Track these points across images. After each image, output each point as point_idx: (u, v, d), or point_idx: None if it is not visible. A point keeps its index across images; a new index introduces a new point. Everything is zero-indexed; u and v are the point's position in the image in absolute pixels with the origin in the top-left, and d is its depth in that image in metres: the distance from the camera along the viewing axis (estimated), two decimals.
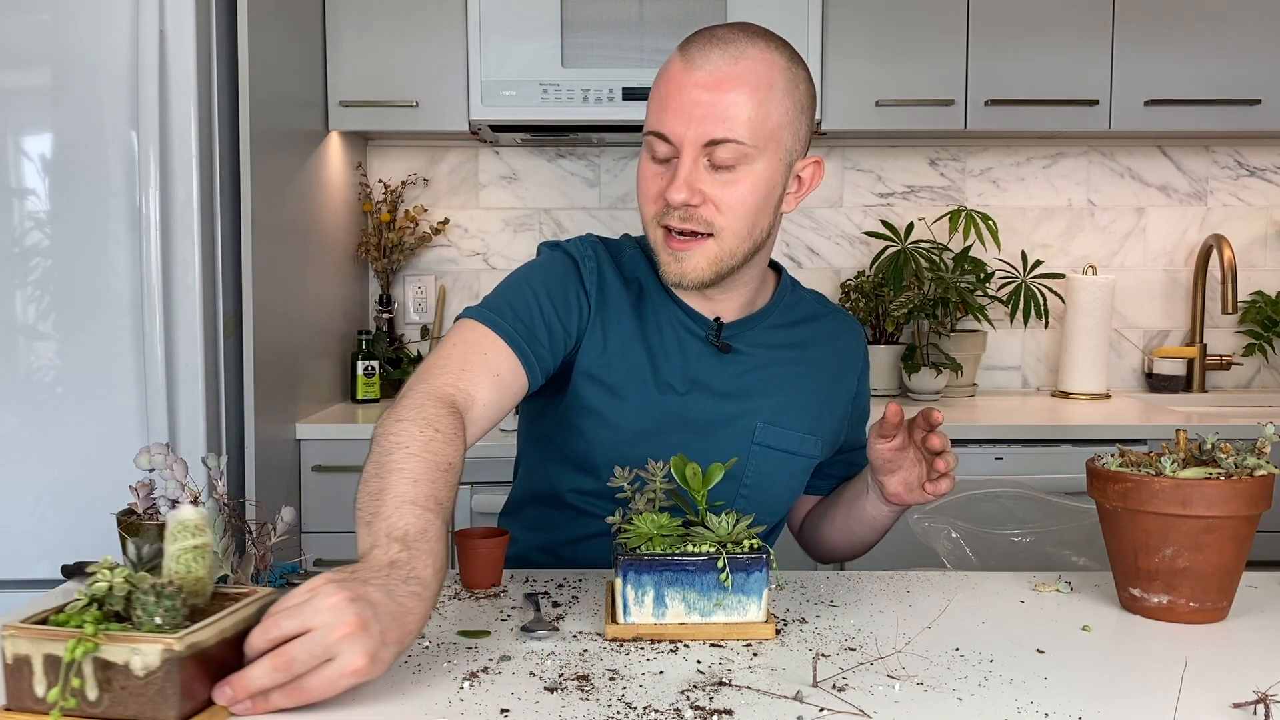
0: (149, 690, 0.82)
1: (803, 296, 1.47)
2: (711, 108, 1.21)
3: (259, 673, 0.85)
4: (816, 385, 1.41)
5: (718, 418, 1.35)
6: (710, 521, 1.10)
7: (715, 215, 1.24)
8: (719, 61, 1.22)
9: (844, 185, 3.00)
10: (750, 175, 1.24)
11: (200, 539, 0.90)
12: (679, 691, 0.93)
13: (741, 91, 1.21)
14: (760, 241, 1.30)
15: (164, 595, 0.84)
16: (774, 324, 1.40)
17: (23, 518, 2.05)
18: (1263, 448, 1.13)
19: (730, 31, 1.25)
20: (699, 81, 1.22)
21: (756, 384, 1.37)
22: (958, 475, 1.27)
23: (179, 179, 2.02)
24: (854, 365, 1.47)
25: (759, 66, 1.22)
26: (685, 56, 1.24)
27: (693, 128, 1.21)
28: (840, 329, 1.47)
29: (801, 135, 1.28)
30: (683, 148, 1.23)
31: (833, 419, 1.43)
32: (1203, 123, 2.65)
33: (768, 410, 1.37)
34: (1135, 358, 3.05)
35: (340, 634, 0.86)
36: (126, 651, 0.82)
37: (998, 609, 1.16)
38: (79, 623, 0.83)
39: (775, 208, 1.29)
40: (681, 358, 1.35)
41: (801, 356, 1.40)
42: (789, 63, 1.26)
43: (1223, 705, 0.90)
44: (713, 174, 1.23)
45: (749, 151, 1.22)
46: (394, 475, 1.05)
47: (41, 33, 2.01)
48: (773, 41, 1.26)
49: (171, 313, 2.03)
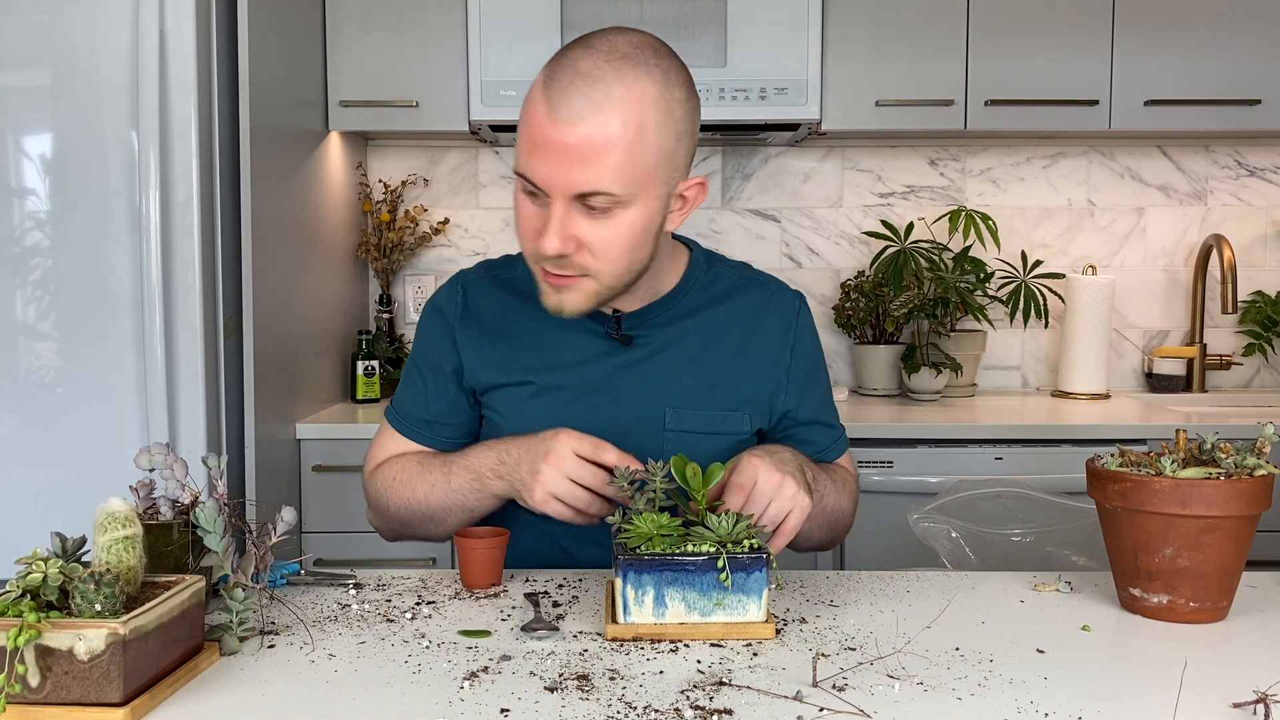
0: (93, 674, 0.86)
1: (722, 273, 1.42)
2: (578, 162, 1.14)
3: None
4: (737, 360, 1.37)
5: (625, 409, 1.34)
6: (710, 521, 1.10)
7: (589, 260, 1.20)
8: (582, 110, 1.14)
9: (844, 185, 3.00)
10: (625, 219, 1.19)
11: (130, 529, 0.95)
12: (679, 691, 0.93)
13: (608, 143, 1.14)
14: (643, 268, 1.26)
15: (103, 583, 0.88)
16: (682, 307, 1.37)
17: (23, 518, 2.05)
18: (1263, 448, 1.13)
19: (595, 63, 1.15)
20: (563, 133, 1.14)
21: (663, 370, 1.35)
22: (958, 475, 1.27)
23: (179, 179, 2.02)
24: (783, 335, 1.40)
25: (626, 110, 1.15)
26: (548, 97, 1.15)
27: (559, 179, 1.16)
28: (766, 300, 1.42)
29: (680, 162, 1.22)
30: (552, 196, 1.17)
31: (763, 392, 1.39)
32: (1203, 123, 2.65)
33: (678, 395, 1.35)
34: (1135, 358, 3.05)
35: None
36: (70, 638, 0.85)
37: (998, 609, 1.16)
38: (17, 612, 0.85)
39: (656, 235, 1.24)
40: (578, 352, 1.35)
41: (717, 334, 1.37)
42: (662, 88, 1.18)
43: (1223, 705, 0.90)
44: (588, 217, 1.18)
45: (622, 199, 1.17)
46: (418, 480, 1.37)
47: (41, 33, 2.01)
48: (644, 65, 1.17)
49: (171, 313, 2.03)
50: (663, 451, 1.33)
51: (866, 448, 2.38)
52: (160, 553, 1.07)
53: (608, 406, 1.34)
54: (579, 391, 1.35)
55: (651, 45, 1.21)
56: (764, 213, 3.00)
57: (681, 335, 1.36)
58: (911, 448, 2.39)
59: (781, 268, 3.00)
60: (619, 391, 1.35)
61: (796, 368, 1.41)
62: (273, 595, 1.18)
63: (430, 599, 1.20)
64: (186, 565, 1.09)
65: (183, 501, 1.11)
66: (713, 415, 1.36)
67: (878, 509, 2.37)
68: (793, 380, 1.41)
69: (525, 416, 1.35)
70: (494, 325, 1.39)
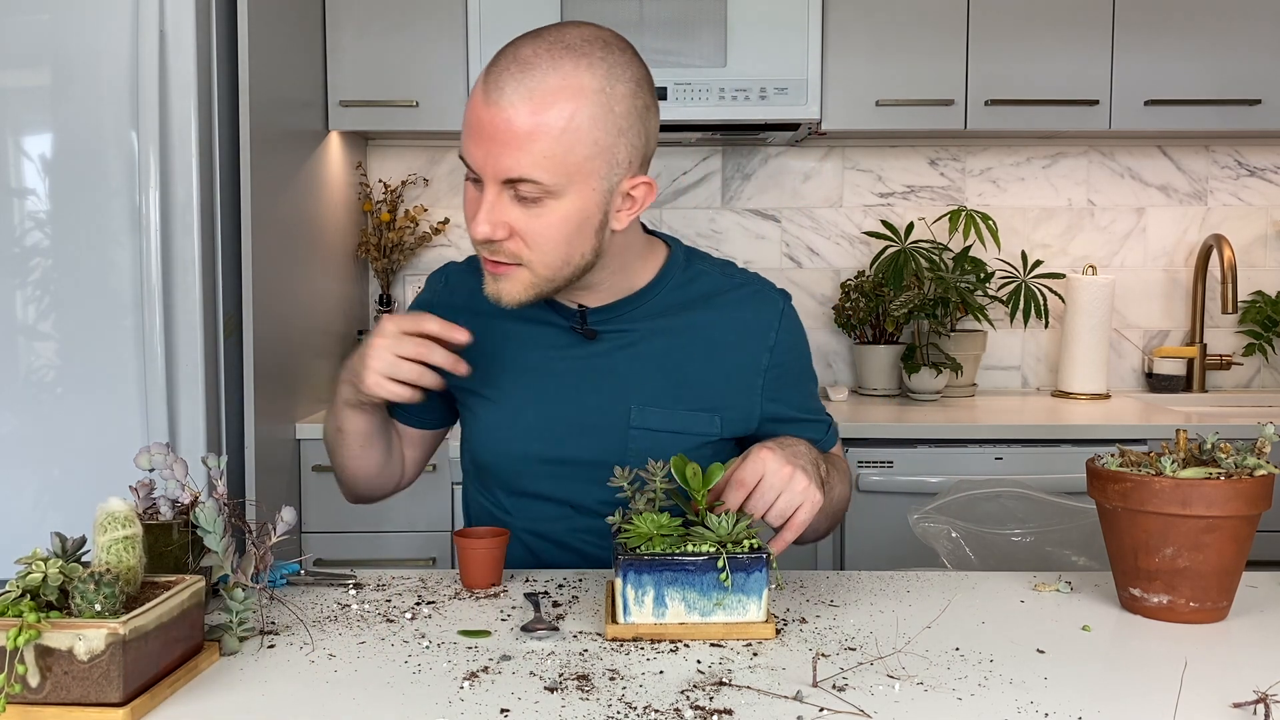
0: (93, 674, 0.85)
1: (703, 271, 1.40)
2: (506, 145, 1.15)
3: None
4: (710, 361, 1.35)
5: (590, 405, 1.35)
6: (710, 521, 1.10)
7: (522, 248, 1.20)
8: (513, 95, 1.15)
9: (844, 185, 3.00)
10: (557, 209, 1.19)
11: (130, 529, 0.95)
12: (679, 691, 0.93)
13: (536, 128, 1.14)
14: (586, 263, 1.25)
15: (103, 583, 0.88)
16: (655, 305, 1.36)
17: (23, 518, 2.05)
18: (1263, 448, 1.13)
19: (536, 52, 1.17)
20: (493, 116, 1.15)
21: (630, 367, 1.34)
22: (958, 475, 1.27)
23: (179, 179, 2.02)
24: (762, 336, 1.37)
25: (559, 98, 1.15)
26: (485, 83, 1.17)
27: (490, 163, 1.17)
28: (746, 300, 1.39)
29: (621, 159, 1.20)
30: (485, 180, 1.19)
31: (739, 395, 1.36)
32: (1203, 123, 2.65)
33: (645, 392, 1.34)
34: (1135, 358, 3.05)
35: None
36: (70, 638, 0.85)
37: (998, 609, 1.16)
38: (17, 612, 0.85)
39: (597, 232, 1.23)
40: (545, 349, 1.36)
41: (691, 333, 1.35)
42: (603, 82, 1.17)
43: (1223, 705, 0.90)
44: (520, 206, 1.19)
45: (551, 189, 1.17)
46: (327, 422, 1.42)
47: (41, 33, 2.01)
48: (586, 58, 1.17)
49: (171, 313, 2.03)
50: (626, 449, 1.33)
51: (866, 448, 2.38)
52: (160, 553, 1.07)
53: (570, 400, 1.35)
54: (544, 385, 1.36)
55: (603, 40, 1.20)
56: (764, 213, 3.00)
57: (652, 333, 1.35)
58: (911, 448, 2.39)
59: (781, 268, 3.00)
60: (582, 386, 1.35)
61: (775, 368, 1.38)
62: (273, 595, 1.18)
63: (430, 599, 1.20)
64: (186, 565, 1.09)
65: (183, 501, 1.11)
66: (680, 415, 1.35)
67: (878, 509, 2.37)
68: (771, 381, 1.38)
69: (487, 407, 1.38)
70: (469, 317, 1.37)
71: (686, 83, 2.52)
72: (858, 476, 2.37)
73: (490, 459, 1.40)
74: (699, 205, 3.00)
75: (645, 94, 1.22)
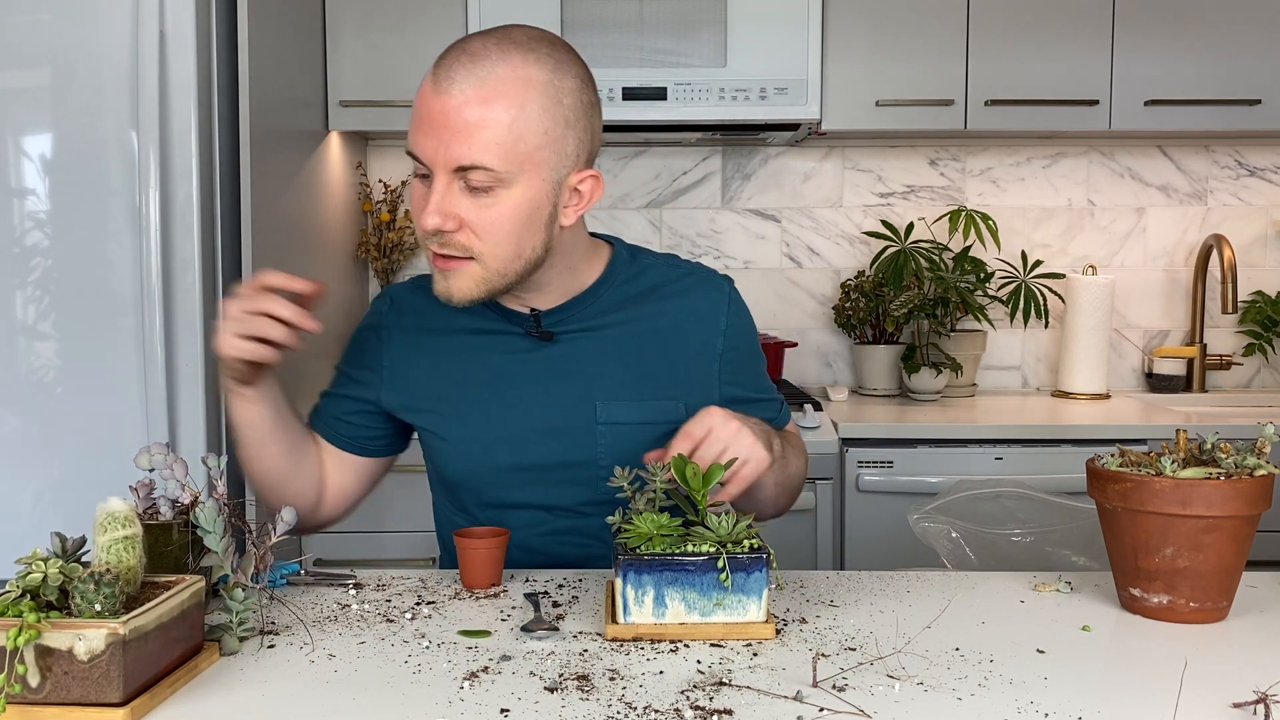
0: (93, 674, 0.85)
1: (649, 265, 1.41)
2: (456, 133, 1.17)
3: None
4: (667, 350, 1.37)
5: (555, 407, 1.35)
6: (710, 521, 1.10)
7: (473, 240, 1.21)
8: (464, 84, 1.17)
9: (844, 185, 3.00)
10: (508, 199, 1.20)
11: (130, 529, 0.95)
12: (679, 691, 0.93)
13: (486, 116, 1.16)
14: (537, 258, 1.25)
15: (103, 583, 0.88)
16: (605, 301, 1.37)
17: (23, 518, 2.05)
18: (1263, 448, 1.13)
19: (485, 45, 1.19)
20: (444, 105, 1.17)
21: (590, 364, 1.35)
22: (958, 475, 1.27)
23: (179, 179, 2.02)
24: (713, 321, 1.40)
25: (509, 87, 1.17)
26: (435, 75, 1.19)
27: (440, 151, 1.18)
28: (693, 288, 1.41)
29: (569, 151, 1.22)
30: (435, 171, 1.19)
31: (699, 381, 1.38)
32: (1203, 123, 2.65)
33: (607, 388, 1.35)
34: (1135, 358, 3.05)
35: None
36: (70, 638, 0.85)
37: (998, 609, 1.16)
38: (17, 612, 0.85)
39: (547, 225, 1.24)
40: (502, 357, 1.36)
41: (645, 325, 1.37)
42: (550, 75, 1.19)
43: (1223, 705, 0.90)
44: (470, 197, 1.19)
45: (502, 176, 1.18)
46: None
47: (41, 33, 2.01)
48: (534, 53, 1.20)
49: (171, 313, 2.02)
50: (596, 446, 1.34)
51: (866, 448, 2.38)
52: (160, 553, 1.07)
53: (536, 405, 1.35)
54: (505, 393, 1.35)
55: (549, 39, 1.23)
56: (764, 213, 3.00)
57: (607, 328, 1.36)
58: (911, 448, 2.39)
59: (781, 268, 3.00)
60: (546, 389, 1.35)
61: (730, 352, 1.41)
62: (273, 595, 1.18)
63: (430, 599, 1.20)
64: (186, 565, 1.09)
65: (183, 501, 1.11)
66: (646, 406, 1.35)
67: (878, 509, 2.37)
68: (727, 365, 1.41)
69: (451, 424, 1.37)
70: (418, 337, 1.40)
71: (686, 83, 2.52)
72: (858, 476, 2.37)
73: (460, 476, 1.39)
74: (699, 205, 3.00)
75: (590, 91, 1.25)
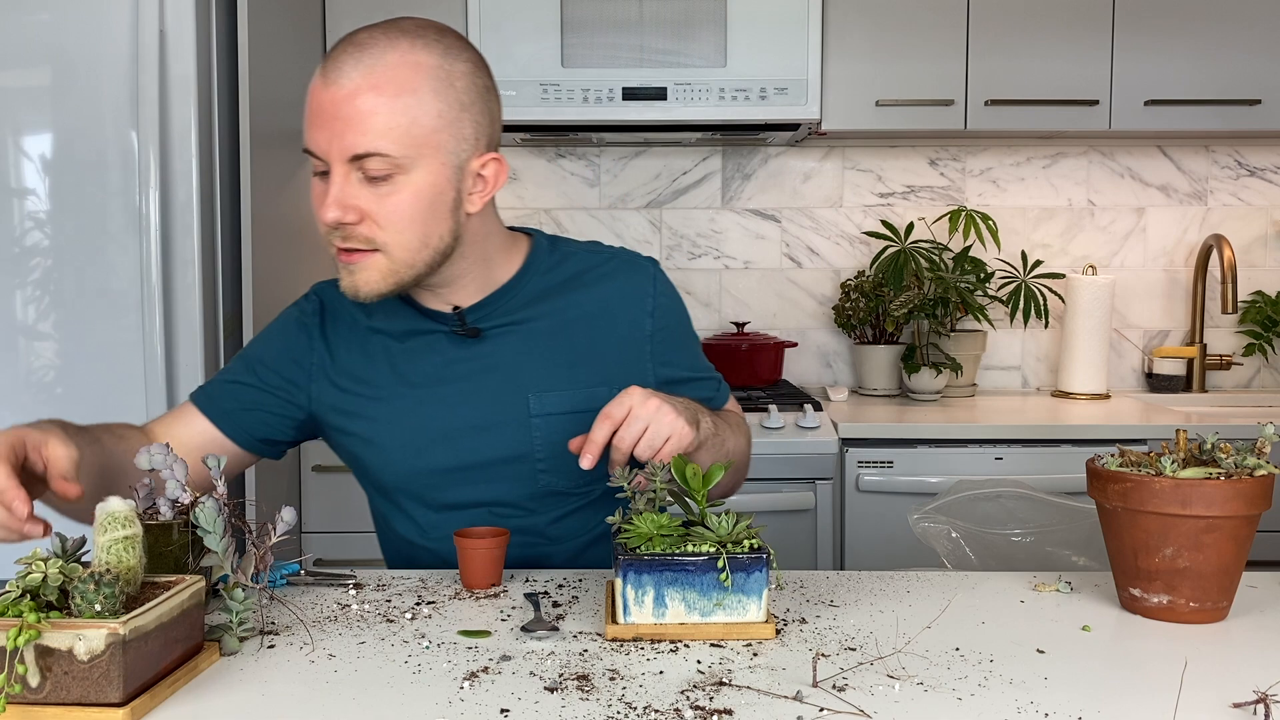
0: (93, 674, 0.85)
1: (570, 253, 1.41)
2: (349, 122, 1.16)
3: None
4: (596, 336, 1.36)
5: (487, 404, 1.33)
6: (710, 521, 1.10)
7: (376, 231, 1.20)
8: (353, 73, 1.17)
9: (844, 185, 3.00)
10: (408, 186, 1.19)
11: (130, 529, 0.95)
12: (679, 691, 0.93)
13: (379, 102, 1.16)
14: (445, 246, 1.24)
15: (103, 583, 0.88)
16: (528, 292, 1.36)
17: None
18: (1263, 448, 1.13)
19: (372, 35, 1.19)
20: (334, 96, 1.17)
21: (519, 357, 1.34)
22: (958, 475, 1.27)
23: (179, 179, 2.02)
24: (640, 303, 1.39)
25: (398, 73, 1.17)
26: (323, 68, 1.19)
27: (335, 143, 1.17)
28: (617, 272, 1.40)
29: (467, 134, 1.22)
30: (331, 164, 1.18)
31: (630, 365, 1.38)
32: (1203, 123, 2.65)
33: (539, 379, 1.33)
34: (1135, 358, 3.05)
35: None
36: (70, 638, 0.85)
37: (998, 609, 1.16)
38: (17, 612, 0.85)
39: (452, 211, 1.23)
40: (430, 357, 1.34)
41: (572, 313, 1.36)
42: (440, 60, 1.20)
43: (1223, 705, 0.90)
44: (369, 187, 1.18)
45: (400, 162, 1.17)
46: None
47: (41, 33, 2.01)
48: (422, 39, 1.20)
49: (171, 313, 2.03)
50: (532, 439, 1.33)
51: (866, 448, 2.38)
52: (160, 553, 1.07)
53: (467, 403, 1.33)
54: (436, 393, 1.34)
55: (438, 27, 1.23)
56: (764, 213, 3.00)
57: (533, 319, 1.35)
58: (911, 448, 2.39)
59: (781, 267, 3.00)
60: (476, 386, 1.34)
61: (660, 332, 1.40)
62: (273, 595, 1.18)
63: (430, 599, 1.20)
64: (186, 565, 1.09)
65: (183, 501, 1.11)
66: (579, 394, 1.34)
67: (878, 509, 2.37)
68: (658, 346, 1.40)
69: (384, 428, 1.34)
70: (349, 338, 1.38)
71: (686, 83, 2.52)
72: (858, 476, 2.37)
73: (398, 480, 1.37)
74: (699, 205, 3.00)
75: (484, 76, 1.25)
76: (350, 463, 1.42)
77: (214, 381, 1.40)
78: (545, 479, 1.35)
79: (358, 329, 1.38)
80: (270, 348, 1.40)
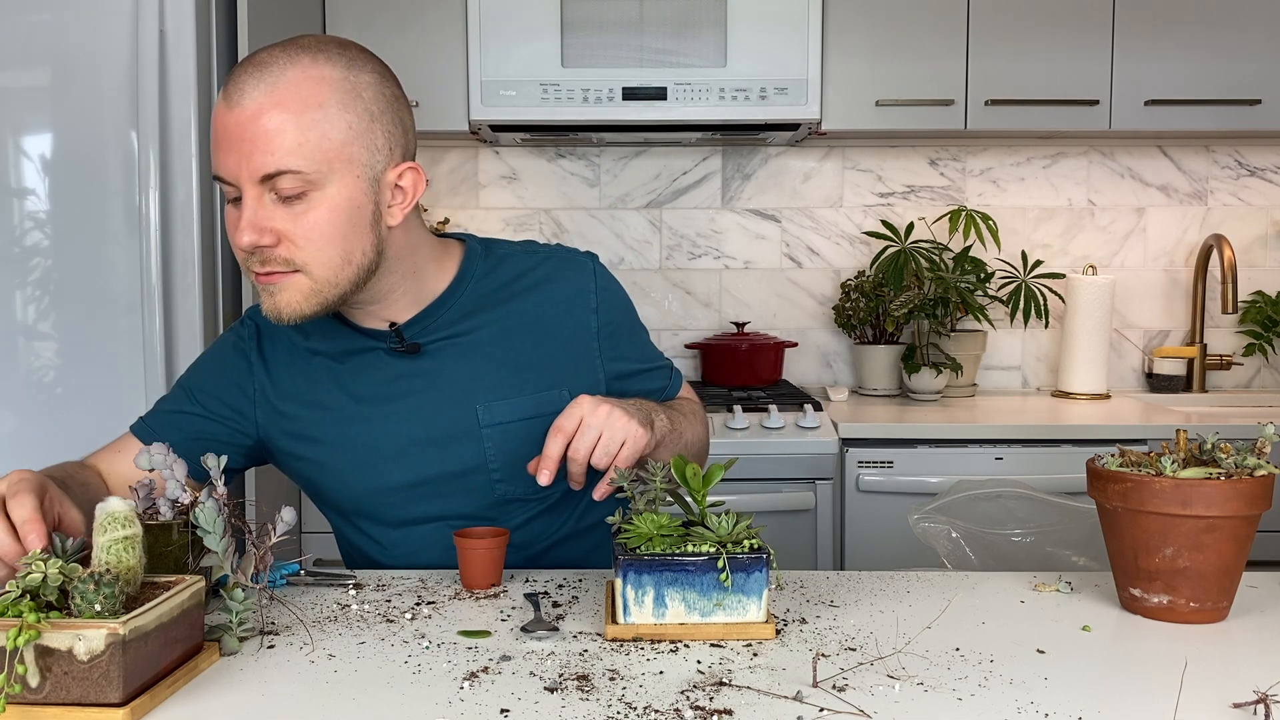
0: (93, 674, 0.85)
1: (505, 255, 1.38)
2: (256, 142, 1.14)
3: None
4: (541, 338, 1.34)
5: (436, 418, 1.32)
6: (710, 521, 1.10)
7: (295, 251, 1.17)
8: (254, 93, 1.14)
9: (844, 185, 3.00)
10: (323, 202, 1.16)
11: (130, 529, 0.95)
12: (679, 691, 0.93)
13: (284, 119, 1.14)
14: (368, 262, 1.22)
15: (103, 583, 0.88)
16: (466, 301, 1.33)
17: None
18: (1263, 448, 1.13)
19: (272, 54, 1.17)
20: (239, 117, 1.14)
21: (464, 368, 1.32)
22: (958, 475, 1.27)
23: (179, 179, 2.02)
24: (583, 301, 1.37)
25: (301, 88, 1.15)
26: (225, 91, 1.16)
27: (244, 165, 1.14)
28: (556, 271, 1.38)
29: (380, 144, 1.20)
30: (242, 187, 1.16)
31: (580, 364, 1.36)
32: (1203, 123, 2.65)
33: (486, 389, 1.32)
34: (1135, 358, 3.05)
35: None
36: (70, 638, 0.85)
37: (998, 609, 1.16)
38: (17, 612, 0.85)
39: (372, 225, 1.21)
40: (373, 375, 1.32)
41: (513, 318, 1.34)
42: (345, 72, 1.17)
43: (1223, 705, 0.90)
44: (284, 207, 1.16)
45: (312, 178, 1.15)
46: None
47: (41, 33, 2.01)
48: (324, 53, 1.18)
49: (171, 313, 2.03)
50: (484, 450, 1.32)
51: (866, 448, 2.38)
52: (160, 553, 1.07)
53: (416, 419, 1.31)
54: (382, 411, 1.32)
55: (339, 41, 1.22)
56: (764, 213, 3.00)
57: (474, 328, 1.33)
58: (911, 448, 2.39)
59: (781, 268, 3.00)
60: (422, 402, 1.32)
61: (606, 327, 1.38)
62: (272, 595, 1.18)
63: (430, 599, 1.20)
64: (186, 565, 1.09)
65: (183, 501, 1.11)
66: (528, 400, 1.32)
67: (878, 509, 2.37)
68: (605, 341, 1.38)
69: (335, 450, 1.33)
70: (289, 361, 1.36)
71: (686, 83, 2.52)
72: (858, 477, 2.37)
73: (353, 502, 1.35)
74: (699, 205, 3.00)
75: (391, 85, 1.23)
76: (304, 486, 1.40)
77: (154, 412, 1.38)
78: (502, 488, 1.33)
79: (297, 352, 1.35)
80: (210, 376, 1.37)
